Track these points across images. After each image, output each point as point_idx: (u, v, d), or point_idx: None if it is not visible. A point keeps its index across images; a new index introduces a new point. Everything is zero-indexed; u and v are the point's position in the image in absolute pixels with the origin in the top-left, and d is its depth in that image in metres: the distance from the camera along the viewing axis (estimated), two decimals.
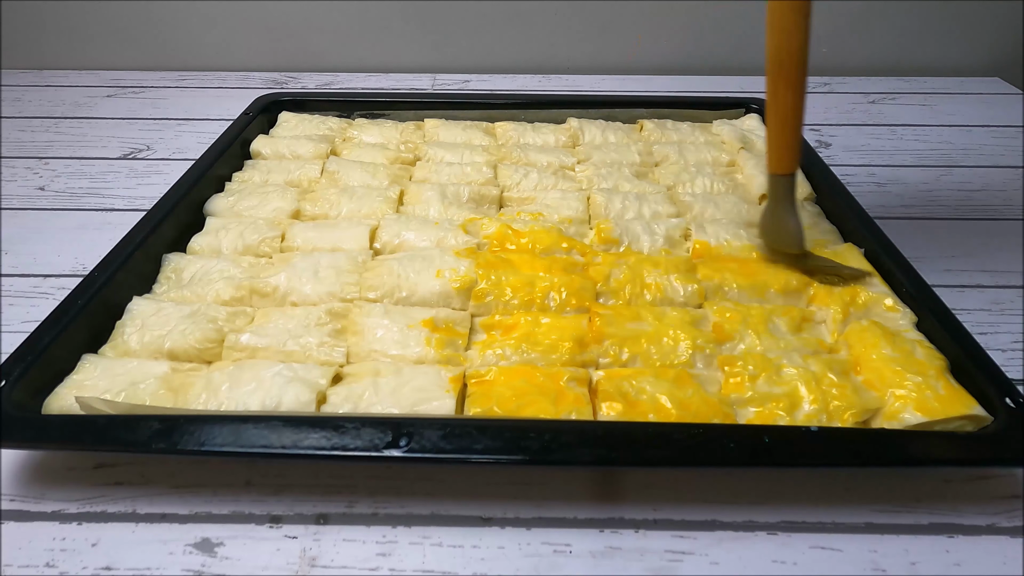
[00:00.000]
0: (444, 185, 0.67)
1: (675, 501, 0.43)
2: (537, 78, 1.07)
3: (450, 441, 0.39)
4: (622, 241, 0.59)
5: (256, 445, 0.39)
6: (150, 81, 1.04)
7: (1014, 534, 0.41)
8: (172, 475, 0.43)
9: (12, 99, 0.98)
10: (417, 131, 0.79)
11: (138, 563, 0.39)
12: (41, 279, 0.62)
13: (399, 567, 0.39)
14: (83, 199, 0.74)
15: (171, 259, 0.57)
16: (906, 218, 0.71)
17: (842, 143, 0.87)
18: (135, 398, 0.44)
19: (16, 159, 0.81)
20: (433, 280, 0.53)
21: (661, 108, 0.83)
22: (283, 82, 1.06)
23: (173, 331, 0.49)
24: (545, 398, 0.44)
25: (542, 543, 0.40)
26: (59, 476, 0.43)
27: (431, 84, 1.06)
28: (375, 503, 0.42)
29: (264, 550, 0.40)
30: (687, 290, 0.54)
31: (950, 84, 1.05)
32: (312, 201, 0.65)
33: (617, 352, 0.49)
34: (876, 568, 0.39)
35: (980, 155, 0.84)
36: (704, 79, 1.05)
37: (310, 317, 0.50)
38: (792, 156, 0.53)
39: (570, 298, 0.53)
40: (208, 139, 0.74)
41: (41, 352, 0.45)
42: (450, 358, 0.48)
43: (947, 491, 0.43)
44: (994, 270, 0.63)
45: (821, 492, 0.43)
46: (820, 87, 1.04)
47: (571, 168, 0.72)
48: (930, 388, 0.44)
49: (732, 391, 0.46)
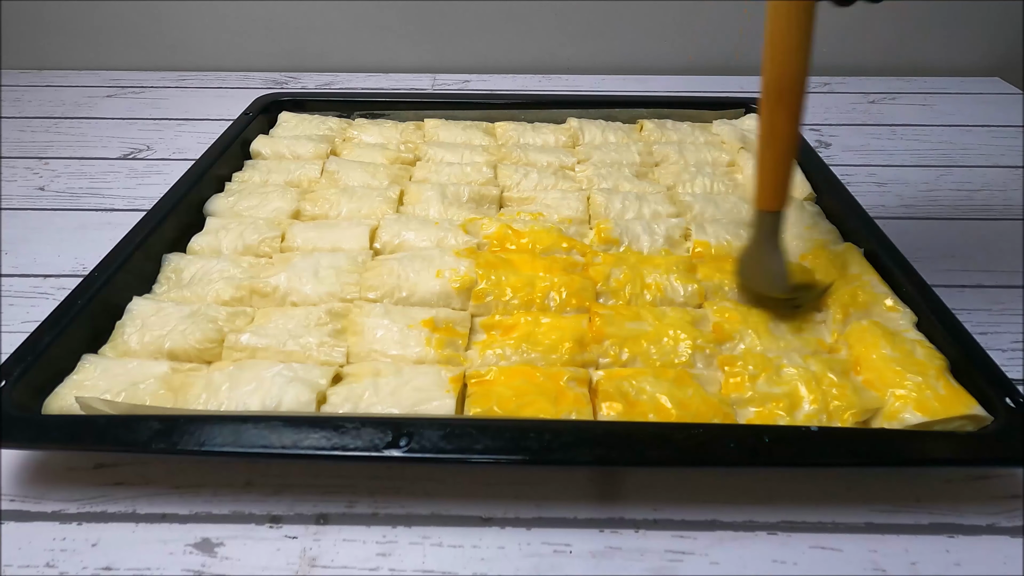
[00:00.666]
0: (444, 185, 0.67)
1: (675, 501, 0.43)
2: (537, 78, 1.07)
3: (450, 441, 0.39)
4: (622, 241, 0.59)
5: (256, 445, 0.39)
6: (150, 81, 1.04)
7: (1014, 534, 0.41)
8: (172, 475, 0.43)
9: (12, 99, 0.98)
10: (417, 131, 0.79)
11: (138, 563, 0.39)
12: (41, 279, 0.62)
13: (399, 567, 0.39)
14: (83, 199, 0.74)
15: (171, 259, 0.57)
16: (906, 218, 0.71)
17: (842, 143, 0.87)
18: (135, 398, 0.44)
19: (16, 159, 0.81)
20: (433, 280, 0.53)
21: (661, 108, 0.83)
22: (283, 82, 1.06)
23: (173, 331, 0.49)
24: (545, 398, 0.44)
25: (542, 543, 0.40)
26: (59, 476, 0.43)
27: (431, 84, 1.06)
28: (375, 503, 0.42)
29: (264, 550, 0.40)
30: (687, 290, 0.54)
31: (950, 84, 1.05)
32: (312, 201, 0.65)
33: (617, 352, 0.49)
34: (876, 568, 0.39)
35: (980, 155, 0.84)
36: (704, 79, 1.05)
37: (310, 317, 0.50)
38: (785, 192, 0.48)
39: (570, 298, 0.53)
40: (208, 139, 0.74)
41: (41, 352, 0.45)
42: (450, 358, 0.48)
43: (947, 491, 0.43)
44: (994, 270, 0.63)
45: (821, 492, 0.43)
46: (820, 87, 1.04)
47: (571, 168, 0.72)
48: (930, 388, 0.44)
49: (732, 391, 0.46)
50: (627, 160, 0.73)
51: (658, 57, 1.09)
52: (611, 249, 0.59)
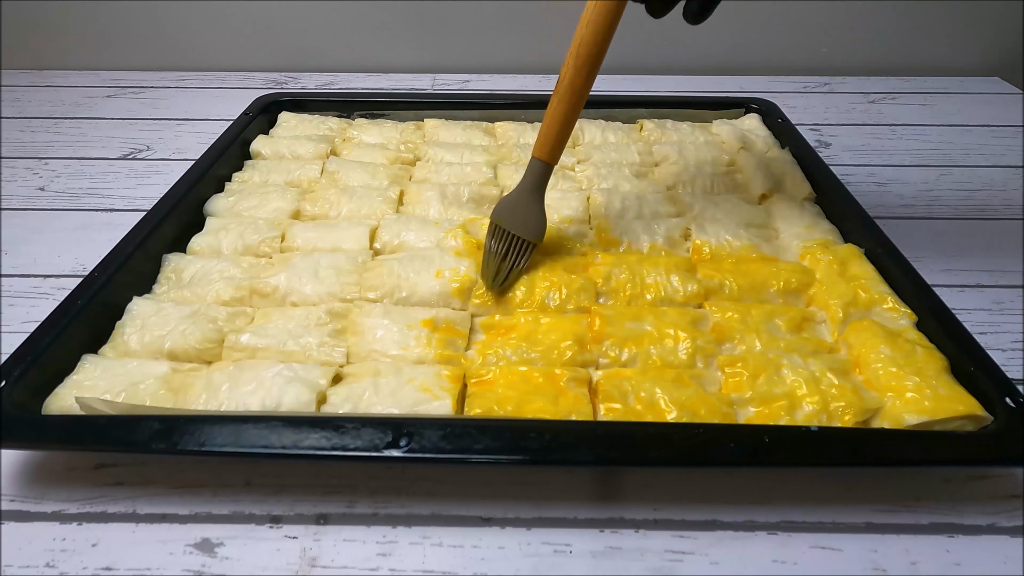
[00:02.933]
0: (444, 185, 0.67)
1: (675, 501, 0.43)
2: (537, 78, 1.07)
3: (450, 441, 0.39)
4: (622, 241, 0.59)
5: (256, 445, 0.39)
6: (150, 81, 1.04)
7: (1014, 534, 0.41)
8: (172, 475, 0.43)
9: (12, 99, 0.98)
10: (417, 131, 0.79)
11: (138, 563, 0.39)
12: (41, 279, 0.62)
13: (399, 567, 0.39)
14: (83, 199, 0.74)
15: (171, 259, 0.57)
16: (906, 218, 0.71)
17: (842, 143, 0.87)
18: (135, 398, 0.44)
19: (16, 159, 0.81)
20: (433, 280, 0.53)
21: (661, 108, 0.83)
22: (283, 82, 1.06)
23: (173, 331, 0.49)
24: (545, 398, 0.44)
25: (542, 543, 0.40)
26: (59, 476, 0.43)
27: (431, 84, 1.06)
28: (375, 503, 0.42)
29: (264, 550, 0.40)
30: (687, 290, 0.54)
31: (950, 84, 1.05)
32: (312, 201, 0.65)
33: (617, 352, 0.49)
34: (876, 568, 0.39)
35: (980, 155, 0.84)
36: (704, 79, 1.06)
37: (310, 317, 0.50)
38: (561, 148, 0.54)
39: (570, 298, 0.53)
40: (208, 139, 0.74)
41: (41, 352, 0.45)
42: (450, 358, 0.48)
43: (947, 491, 0.43)
44: (994, 270, 0.63)
45: (821, 492, 0.43)
46: (820, 87, 1.04)
47: (571, 168, 0.72)
48: (930, 388, 0.44)
49: (732, 391, 0.46)
50: (627, 160, 0.73)
51: (658, 57, 1.09)
52: (611, 249, 0.59)
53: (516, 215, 0.54)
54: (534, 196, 0.55)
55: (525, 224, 0.54)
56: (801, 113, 0.94)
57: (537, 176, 0.54)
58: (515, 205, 0.55)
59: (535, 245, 0.55)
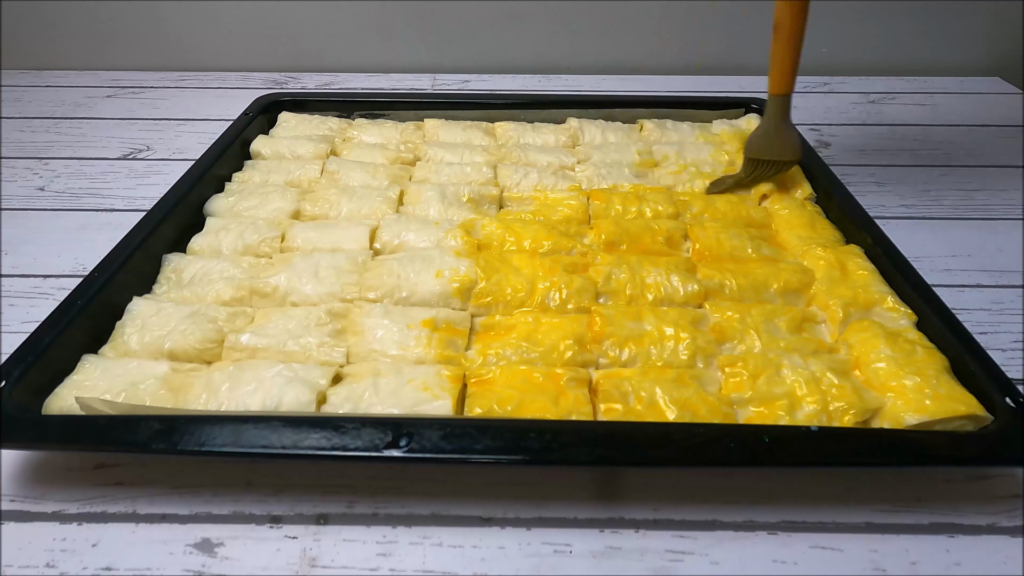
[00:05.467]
0: (444, 185, 0.67)
1: (675, 501, 0.43)
2: (537, 78, 1.07)
3: (450, 441, 0.39)
4: (622, 241, 0.59)
5: (256, 445, 0.39)
6: (150, 81, 1.04)
7: (1014, 534, 0.41)
8: (172, 475, 0.43)
9: (12, 99, 0.98)
10: (417, 131, 0.79)
11: (138, 563, 0.39)
12: (41, 279, 0.62)
13: (399, 567, 0.39)
14: (83, 199, 0.74)
15: (171, 259, 0.57)
16: (906, 218, 0.71)
17: (842, 143, 0.87)
18: (135, 398, 0.44)
19: (16, 159, 0.81)
20: (433, 280, 0.53)
21: (661, 108, 0.83)
22: (283, 82, 1.06)
23: (173, 331, 0.49)
24: (545, 398, 0.44)
25: (542, 543, 0.40)
26: (59, 476, 0.43)
27: (431, 84, 1.06)
28: (375, 503, 0.42)
29: (264, 550, 0.40)
30: (687, 290, 0.54)
31: (950, 84, 1.05)
32: (312, 201, 0.65)
33: (617, 352, 0.49)
34: (876, 568, 0.39)
35: (980, 155, 0.84)
36: (704, 79, 1.06)
37: (310, 317, 0.50)
38: (794, 78, 0.61)
39: (570, 298, 0.53)
40: (208, 139, 0.74)
41: (41, 352, 0.45)
42: (450, 358, 0.48)
43: (947, 491, 0.43)
44: (994, 270, 0.63)
45: (821, 492, 0.43)
46: (820, 87, 1.04)
47: (571, 168, 0.72)
48: (930, 388, 0.44)
49: (732, 391, 0.46)
50: (627, 160, 0.73)
51: (658, 57, 1.09)
52: (611, 249, 0.59)
53: (772, 145, 0.63)
54: (784, 124, 0.63)
55: (783, 149, 0.63)
56: (801, 113, 0.94)
57: (780, 109, 0.62)
58: (768, 137, 0.63)
59: (796, 162, 0.65)
